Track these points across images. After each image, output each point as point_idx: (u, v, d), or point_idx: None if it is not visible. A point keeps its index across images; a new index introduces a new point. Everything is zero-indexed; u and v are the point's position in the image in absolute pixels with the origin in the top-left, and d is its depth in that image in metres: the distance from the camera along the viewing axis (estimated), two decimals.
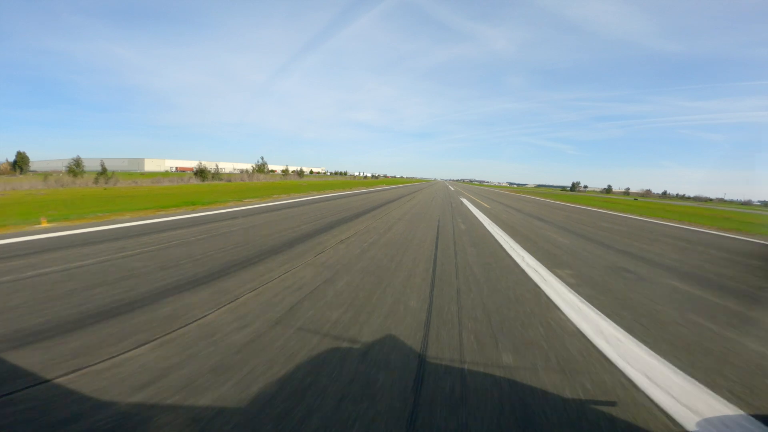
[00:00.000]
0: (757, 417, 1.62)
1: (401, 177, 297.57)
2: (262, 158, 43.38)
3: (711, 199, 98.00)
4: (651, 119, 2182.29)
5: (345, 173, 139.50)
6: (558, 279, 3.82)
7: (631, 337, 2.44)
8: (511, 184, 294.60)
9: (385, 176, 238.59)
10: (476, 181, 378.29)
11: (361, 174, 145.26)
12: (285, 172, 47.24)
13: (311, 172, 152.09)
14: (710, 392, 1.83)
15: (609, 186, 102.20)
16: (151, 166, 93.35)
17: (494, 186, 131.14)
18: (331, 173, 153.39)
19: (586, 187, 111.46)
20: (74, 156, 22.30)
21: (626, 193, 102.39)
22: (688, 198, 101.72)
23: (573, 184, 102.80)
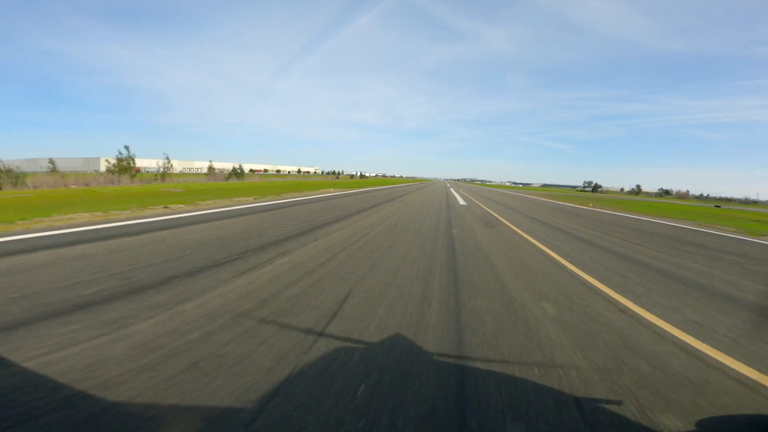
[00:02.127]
0: (755, 418, 1.56)
1: (401, 176, 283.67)
2: (127, 148, 27.35)
3: (757, 201, 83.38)
4: (651, 118, 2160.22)
5: (342, 172, 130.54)
6: None
7: None
8: (514, 183, 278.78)
9: (384, 176, 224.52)
10: (477, 180, 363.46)
11: (357, 173, 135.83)
12: (210, 170, 33.94)
13: (299, 171, 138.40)
14: None
15: (638, 186, 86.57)
16: (107, 165, 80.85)
17: (498, 186, 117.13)
18: (324, 173, 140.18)
19: (600, 186, 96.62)
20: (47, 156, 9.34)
21: (660, 194, 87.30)
22: (732, 200, 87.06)
23: (594, 185, 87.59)
